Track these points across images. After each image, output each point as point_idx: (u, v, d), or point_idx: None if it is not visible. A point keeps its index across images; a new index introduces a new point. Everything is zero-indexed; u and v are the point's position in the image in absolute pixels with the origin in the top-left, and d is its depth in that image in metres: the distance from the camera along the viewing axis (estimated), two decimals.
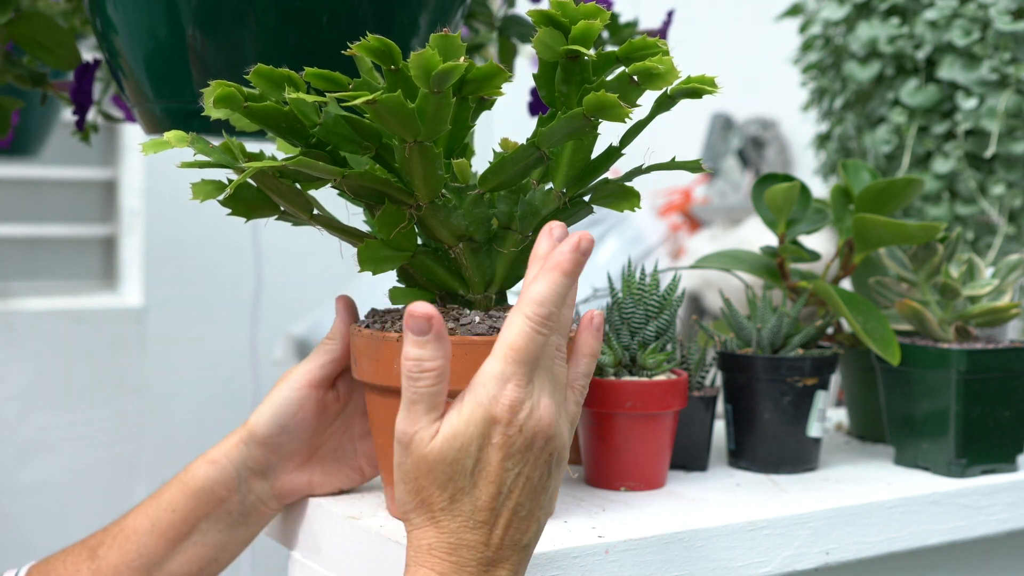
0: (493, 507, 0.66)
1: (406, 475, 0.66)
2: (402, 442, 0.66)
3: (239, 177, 0.69)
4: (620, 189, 0.77)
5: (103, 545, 0.83)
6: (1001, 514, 0.96)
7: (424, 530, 0.66)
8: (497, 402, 0.65)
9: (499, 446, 0.65)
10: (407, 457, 0.66)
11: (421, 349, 0.65)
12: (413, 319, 0.65)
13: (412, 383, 0.66)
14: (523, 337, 0.65)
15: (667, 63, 0.68)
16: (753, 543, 0.83)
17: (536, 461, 0.66)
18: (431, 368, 0.66)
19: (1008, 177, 1.27)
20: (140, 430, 2.82)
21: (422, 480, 0.66)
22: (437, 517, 0.66)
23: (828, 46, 1.38)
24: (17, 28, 0.92)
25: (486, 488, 0.65)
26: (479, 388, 0.66)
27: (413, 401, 0.66)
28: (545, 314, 0.66)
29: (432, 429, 0.66)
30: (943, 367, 0.95)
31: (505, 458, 0.65)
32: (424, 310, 0.65)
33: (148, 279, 2.85)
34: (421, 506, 0.66)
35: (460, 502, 0.65)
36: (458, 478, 0.65)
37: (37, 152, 1.65)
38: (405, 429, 0.66)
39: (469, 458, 0.65)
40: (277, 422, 0.82)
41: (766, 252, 1.04)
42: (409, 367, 0.66)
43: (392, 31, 0.82)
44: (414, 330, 0.65)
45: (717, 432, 1.02)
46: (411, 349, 0.66)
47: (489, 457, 0.65)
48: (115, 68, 0.87)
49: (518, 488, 0.66)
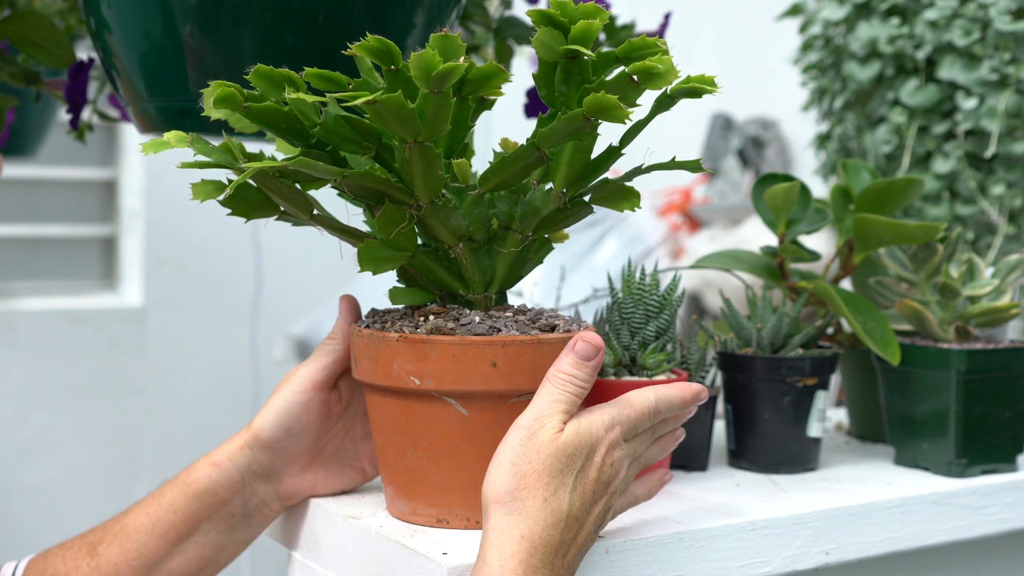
0: (580, 518, 0.70)
1: (519, 457, 0.70)
2: (530, 427, 0.71)
3: (239, 177, 0.69)
4: (620, 189, 0.77)
5: (103, 542, 0.83)
6: (1001, 514, 0.95)
7: (518, 517, 0.68)
8: (607, 431, 0.72)
9: (597, 466, 0.72)
10: (530, 441, 0.70)
11: (579, 370, 0.73)
12: (584, 344, 0.73)
13: (560, 386, 0.73)
14: (642, 412, 0.75)
15: (667, 63, 0.68)
16: (753, 543, 0.83)
17: (607, 503, 0.73)
18: (581, 384, 0.73)
19: (1008, 177, 1.27)
20: (140, 430, 2.82)
21: (535, 464, 0.69)
22: (534, 508, 0.69)
23: (828, 46, 1.38)
24: (12, 27, 0.92)
25: (581, 496, 0.71)
26: (597, 416, 0.73)
27: (556, 400, 0.72)
28: (660, 409, 0.76)
29: (561, 424, 0.71)
30: (943, 367, 0.95)
31: (598, 480, 0.72)
32: (598, 340, 0.74)
33: (148, 279, 2.85)
34: (523, 491, 0.69)
35: (560, 499, 0.69)
36: (567, 473, 0.70)
37: (34, 152, 1.64)
38: (537, 415, 0.71)
39: (580, 459, 0.71)
40: (282, 426, 0.82)
41: (766, 252, 1.04)
42: (563, 378, 0.73)
43: (387, 31, 0.82)
44: (582, 354, 0.73)
45: (717, 432, 1.02)
46: (570, 367, 0.73)
47: (589, 471, 0.71)
48: (109, 67, 0.87)
49: (593, 516, 0.72)
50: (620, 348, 0.89)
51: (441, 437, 0.76)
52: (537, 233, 0.78)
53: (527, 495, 0.69)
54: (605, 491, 0.72)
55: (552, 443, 0.70)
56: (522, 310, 0.80)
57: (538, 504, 0.69)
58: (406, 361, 0.75)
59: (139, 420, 2.81)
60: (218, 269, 2.90)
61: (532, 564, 0.67)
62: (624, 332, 0.90)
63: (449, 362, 0.74)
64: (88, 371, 2.75)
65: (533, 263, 0.81)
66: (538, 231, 0.78)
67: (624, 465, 0.74)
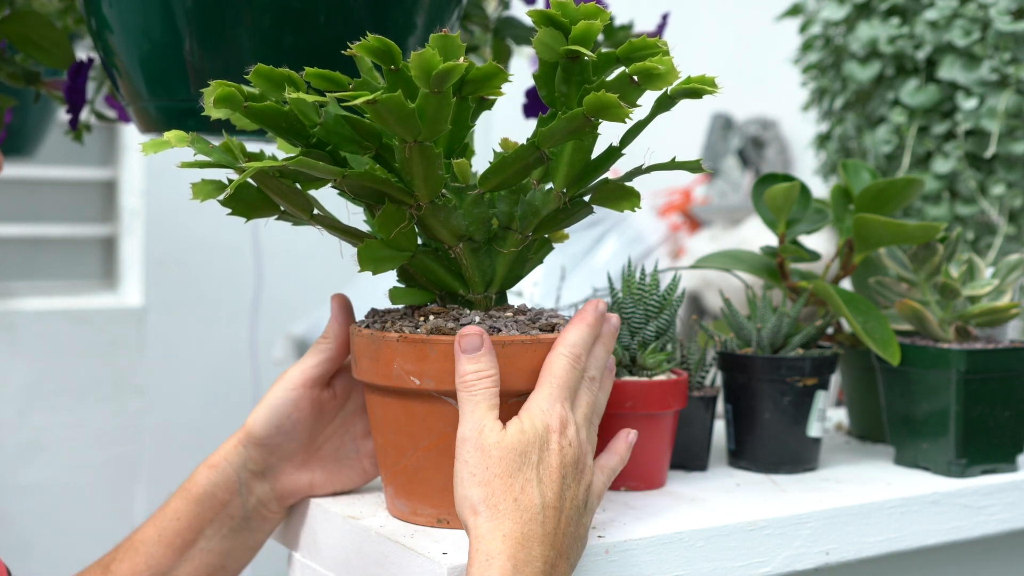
0: (558, 507, 0.70)
1: (475, 468, 0.70)
2: (471, 439, 0.71)
3: (239, 177, 0.69)
4: (620, 189, 0.77)
5: (115, 560, 0.84)
6: (1001, 514, 0.96)
7: (497, 521, 0.68)
8: (551, 415, 0.72)
9: (556, 452, 0.71)
10: (476, 451, 0.70)
11: (475, 363, 0.72)
12: (465, 339, 0.73)
13: (472, 390, 0.72)
14: (563, 370, 0.74)
15: (667, 63, 0.68)
16: (753, 543, 0.83)
17: (579, 482, 0.72)
18: (487, 375, 0.72)
19: (1008, 177, 1.27)
20: (140, 430, 2.82)
21: (493, 469, 0.70)
22: (507, 509, 0.69)
23: (828, 46, 1.38)
24: (11, 27, 0.92)
25: (551, 486, 0.70)
26: (533, 406, 0.72)
27: (476, 403, 0.72)
28: (577, 353, 0.75)
29: (498, 424, 0.71)
30: (943, 367, 0.95)
31: (561, 465, 0.71)
32: (474, 329, 0.73)
33: (148, 279, 2.85)
34: (491, 497, 0.69)
35: (530, 494, 0.69)
36: (526, 468, 0.70)
37: (33, 152, 1.64)
38: (473, 426, 0.71)
39: (534, 452, 0.70)
40: (273, 423, 0.83)
41: (766, 252, 1.04)
42: (468, 379, 0.72)
43: (388, 31, 0.82)
44: (467, 348, 0.73)
45: (717, 432, 1.02)
46: (466, 365, 0.72)
47: (550, 459, 0.71)
48: (110, 67, 0.87)
49: (570, 501, 0.71)
50: (620, 348, 0.89)
51: (441, 437, 0.76)
52: (537, 233, 0.78)
53: (498, 500, 0.69)
54: (575, 470, 0.72)
55: (499, 445, 0.70)
56: (522, 310, 0.80)
57: (510, 504, 0.69)
58: (406, 361, 0.75)
59: (139, 420, 2.81)
60: (218, 269, 2.90)
61: (520, 558, 0.67)
62: (624, 332, 0.90)
63: (449, 362, 0.74)
64: (88, 371, 2.75)
65: (533, 263, 0.81)
66: (538, 231, 0.78)
67: (583, 436, 0.73)
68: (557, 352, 0.75)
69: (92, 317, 2.77)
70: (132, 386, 2.81)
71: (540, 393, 0.73)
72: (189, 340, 2.88)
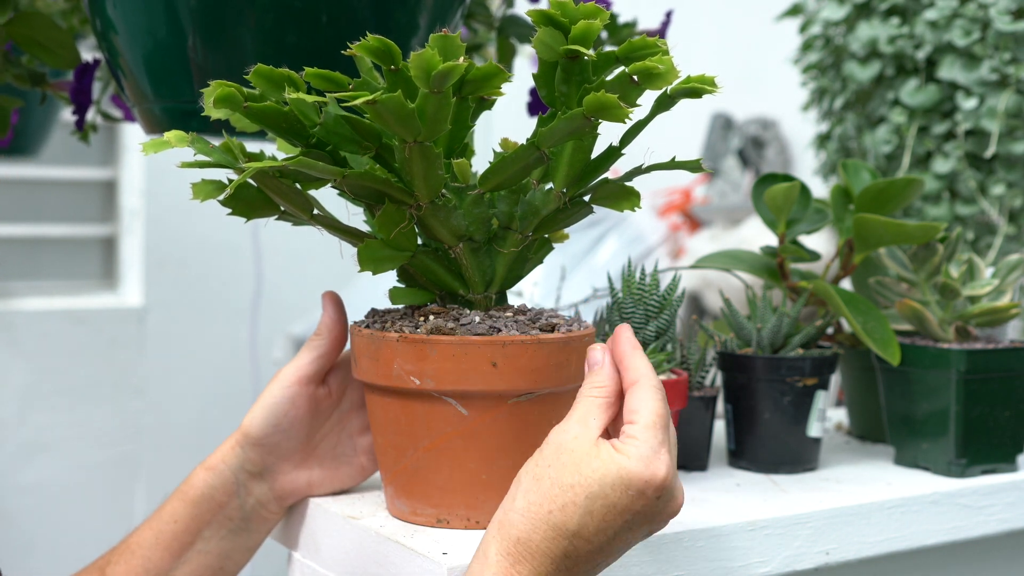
0: (592, 543, 0.66)
1: (543, 460, 0.67)
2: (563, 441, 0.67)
3: (239, 177, 0.69)
4: (620, 189, 0.77)
5: (110, 563, 0.83)
6: (1001, 514, 0.96)
7: (518, 528, 0.66)
8: (657, 466, 0.66)
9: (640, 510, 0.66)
10: (555, 448, 0.67)
11: (596, 375, 0.71)
12: (589, 351, 0.72)
13: (588, 397, 0.69)
14: (662, 412, 0.68)
15: (667, 63, 0.68)
16: (753, 543, 0.83)
17: (644, 533, 0.68)
18: (603, 386, 0.70)
19: (1008, 177, 1.27)
20: (140, 430, 2.82)
21: (554, 467, 0.66)
22: (542, 520, 0.66)
23: (828, 46, 1.38)
24: (16, 28, 0.92)
25: (600, 524, 0.66)
26: (643, 443, 0.66)
27: (588, 409, 0.69)
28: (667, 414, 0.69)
29: (597, 437, 0.67)
30: (943, 367, 0.95)
31: (631, 517, 0.66)
32: (595, 347, 0.71)
33: (148, 279, 2.85)
34: (530, 493, 0.66)
35: (569, 514, 0.65)
36: (578, 488, 0.65)
37: (36, 152, 1.64)
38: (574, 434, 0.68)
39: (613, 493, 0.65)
40: (270, 422, 0.82)
41: (766, 252, 1.04)
42: (585, 390, 0.70)
43: (391, 31, 0.82)
44: (589, 361, 0.71)
45: (717, 432, 1.02)
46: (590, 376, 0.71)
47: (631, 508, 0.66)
48: (115, 68, 0.87)
49: (619, 545, 0.67)
50: None
51: (441, 437, 0.76)
52: (537, 233, 0.78)
53: (535, 497, 0.67)
54: (650, 524, 0.68)
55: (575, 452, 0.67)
56: (522, 310, 0.80)
57: (543, 517, 0.66)
58: (406, 361, 0.75)
59: (139, 420, 2.81)
60: (218, 269, 2.90)
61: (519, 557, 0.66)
62: None
63: (449, 362, 0.74)
64: (88, 371, 2.75)
65: (533, 263, 0.81)
66: (538, 231, 0.78)
67: (677, 503, 0.69)
68: (651, 387, 0.68)
69: (92, 317, 2.77)
70: (132, 386, 2.81)
71: (654, 432, 0.66)
72: (189, 340, 2.88)
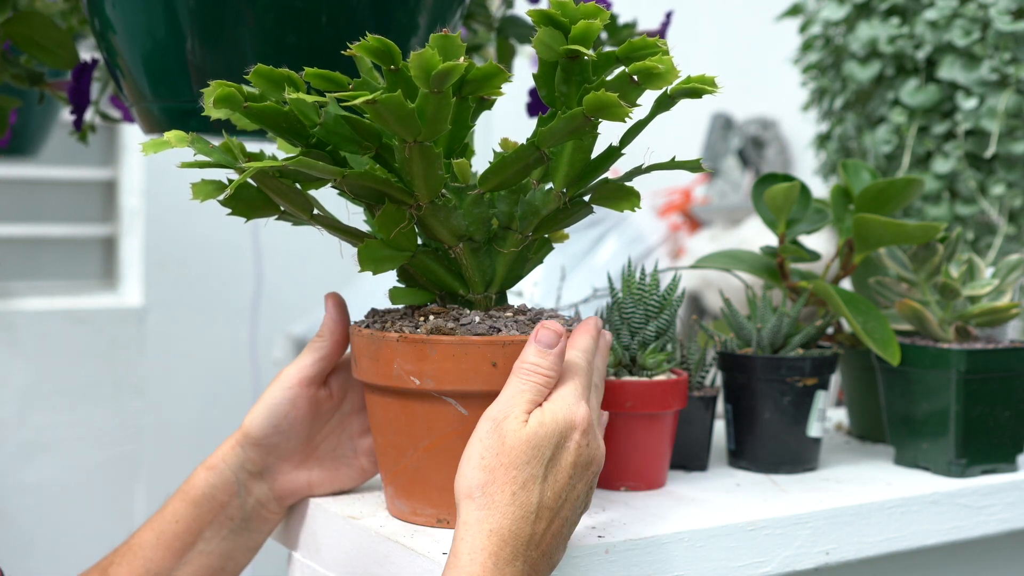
0: (553, 507, 0.69)
1: (486, 450, 0.69)
2: (496, 419, 0.70)
3: (239, 177, 0.69)
4: (620, 189, 0.77)
5: (113, 564, 0.84)
6: (1001, 514, 0.96)
7: (488, 512, 0.68)
8: (577, 411, 0.71)
9: (572, 450, 0.70)
10: (494, 433, 0.70)
11: (542, 359, 0.72)
12: (545, 331, 0.72)
13: (525, 377, 0.71)
14: (583, 370, 0.74)
15: (667, 63, 0.68)
16: (753, 543, 0.83)
17: (588, 483, 0.71)
18: (545, 374, 0.72)
19: (1008, 177, 1.27)
20: (140, 430, 2.82)
21: (501, 457, 0.69)
22: (501, 502, 0.68)
23: (828, 46, 1.38)
24: (15, 28, 0.92)
25: (553, 486, 0.69)
26: (559, 399, 0.71)
27: (521, 391, 0.71)
28: (589, 358, 0.75)
29: (525, 416, 0.70)
30: (943, 367, 0.95)
31: (574, 465, 0.70)
32: (558, 328, 0.72)
33: (148, 279, 2.85)
34: (490, 485, 0.68)
35: (529, 491, 0.68)
36: (534, 464, 0.69)
37: (36, 152, 1.64)
38: (504, 408, 0.70)
39: (548, 449, 0.69)
40: (270, 422, 0.83)
41: (766, 252, 1.04)
42: (527, 367, 0.72)
43: (391, 31, 0.82)
44: (544, 342, 0.72)
45: (717, 432, 1.02)
46: (534, 356, 0.72)
47: (562, 458, 0.70)
48: (113, 67, 0.87)
49: (571, 501, 0.70)
50: (620, 348, 0.89)
51: (441, 437, 0.76)
52: (537, 233, 0.78)
53: (495, 490, 0.68)
54: (586, 472, 0.71)
55: (516, 435, 0.69)
56: (522, 310, 0.80)
57: (506, 499, 0.68)
58: (406, 361, 0.75)
59: (139, 420, 2.81)
60: (218, 269, 2.90)
61: (503, 557, 0.67)
62: (624, 332, 0.90)
63: (449, 362, 0.74)
64: (88, 371, 2.75)
65: (533, 263, 0.81)
66: (538, 231, 0.78)
67: (600, 438, 0.73)
68: (574, 352, 0.74)
69: (92, 317, 2.77)
70: (132, 386, 2.81)
71: (566, 387, 0.72)
72: (189, 340, 2.88)
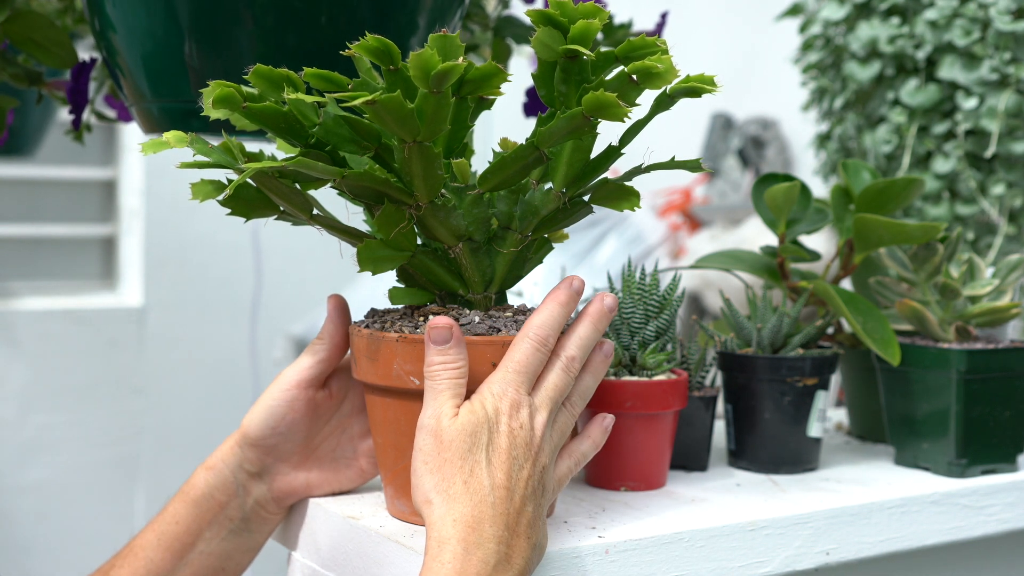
0: (508, 486, 0.69)
1: (428, 456, 0.70)
2: (428, 425, 0.71)
3: (239, 177, 0.69)
4: (620, 189, 0.77)
5: (114, 567, 0.84)
6: (1001, 514, 0.95)
7: (448, 506, 0.68)
8: (502, 399, 0.72)
9: (505, 434, 0.71)
10: (431, 437, 0.71)
11: (443, 355, 0.72)
12: (435, 331, 0.72)
13: (437, 379, 0.72)
14: (523, 353, 0.73)
15: (666, 62, 0.68)
16: (753, 543, 0.82)
17: (533, 464, 0.71)
18: (454, 366, 0.72)
19: (1008, 177, 1.27)
20: (140, 430, 2.82)
21: (444, 454, 0.70)
22: (457, 492, 0.69)
23: (828, 46, 1.38)
24: (13, 27, 0.92)
25: (500, 467, 0.70)
26: (485, 390, 0.72)
27: (438, 391, 0.72)
28: (543, 335, 0.74)
29: (454, 411, 0.71)
30: (943, 367, 0.95)
31: (512, 446, 0.71)
32: (444, 321, 0.72)
33: (148, 279, 2.85)
34: (442, 483, 0.69)
35: (479, 476, 0.69)
36: (476, 450, 0.70)
37: (33, 152, 1.64)
38: (432, 413, 0.71)
39: (483, 434, 0.70)
40: (268, 423, 0.83)
41: (766, 252, 1.04)
42: (434, 371, 0.72)
43: (390, 31, 0.82)
44: (436, 340, 0.72)
45: (717, 432, 1.02)
46: (435, 356, 0.72)
47: (499, 441, 0.70)
48: (113, 67, 0.87)
49: (523, 482, 0.70)
50: (620, 348, 0.89)
51: None
52: (537, 233, 0.78)
53: (447, 485, 0.69)
54: (527, 452, 0.71)
55: (450, 430, 0.70)
56: (522, 310, 0.80)
57: (460, 488, 0.69)
58: (406, 361, 0.75)
59: (139, 420, 2.82)
60: (218, 269, 2.90)
61: (471, 541, 0.67)
62: (624, 332, 0.90)
63: None
64: (88, 371, 2.75)
65: (533, 263, 0.81)
66: (538, 231, 0.78)
67: (538, 420, 0.72)
68: (520, 335, 0.74)
69: (92, 317, 2.77)
70: (132, 386, 2.81)
71: (494, 377, 0.73)
72: (189, 340, 2.88)
